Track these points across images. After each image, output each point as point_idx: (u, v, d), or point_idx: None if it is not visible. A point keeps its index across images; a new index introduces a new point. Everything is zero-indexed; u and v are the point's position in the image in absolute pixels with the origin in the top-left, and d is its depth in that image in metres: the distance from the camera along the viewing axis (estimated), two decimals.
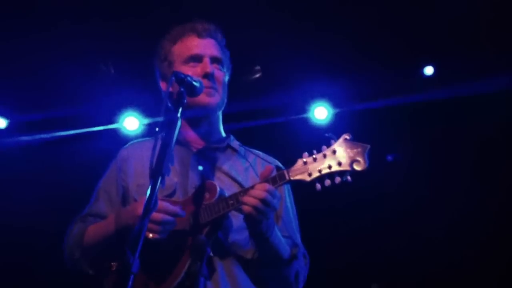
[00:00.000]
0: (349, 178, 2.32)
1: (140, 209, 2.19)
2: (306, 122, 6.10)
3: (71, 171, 5.98)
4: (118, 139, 6.11)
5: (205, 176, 2.67)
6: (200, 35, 2.82)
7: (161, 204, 2.39)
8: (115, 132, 6.14)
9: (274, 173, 2.46)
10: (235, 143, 2.91)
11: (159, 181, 2.15)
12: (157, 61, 2.91)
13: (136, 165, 2.78)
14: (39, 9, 4.99)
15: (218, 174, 2.73)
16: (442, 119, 5.89)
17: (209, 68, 2.73)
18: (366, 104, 5.78)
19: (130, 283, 1.96)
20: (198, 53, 2.78)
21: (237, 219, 2.55)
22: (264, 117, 5.92)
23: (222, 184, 2.62)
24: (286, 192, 2.81)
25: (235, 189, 2.62)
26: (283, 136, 5.84)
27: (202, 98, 2.65)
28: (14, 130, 6.07)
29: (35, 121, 5.92)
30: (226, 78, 2.89)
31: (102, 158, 5.82)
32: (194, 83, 2.45)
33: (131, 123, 6.09)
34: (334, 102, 6.06)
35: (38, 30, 5.12)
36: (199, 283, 2.19)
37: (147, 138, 3.02)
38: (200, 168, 2.71)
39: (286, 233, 2.69)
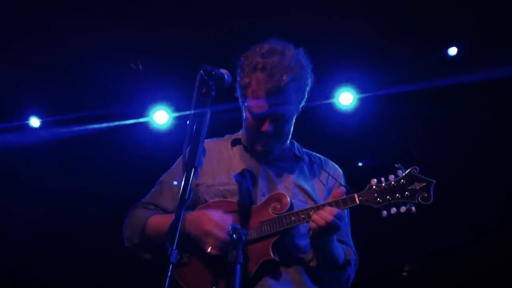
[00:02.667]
0: (413, 208, 2.52)
1: (208, 226, 2.54)
2: (331, 108, 6.04)
3: (103, 163, 6.15)
4: (148, 132, 6.25)
5: (274, 185, 2.82)
6: (268, 93, 2.72)
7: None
8: (145, 125, 6.26)
9: (344, 195, 2.62)
10: (300, 151, 3.04)
11: (192, 173, 2.27)
12: (237, 77, 2.87)
13: (204, 165, 2.84)
14: (68, 9, 5.08)
15: (285, 183, 2.87)
16: (470, 102, 5.71)
17: (266, 127, 2.77)
18: (392, 89, 5.69)
19: (169, 273, 2.10)
20: (260, 115, 2.76)
21: (302, 225, 2.69)
22: None
23: (290, 193, 2.78)
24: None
25: (302, 197, 2.82)
26: (307, 123, 5.77)
27: (258, 147, 2.85)
28: (47, 128, 6.26)
29: (67, 119, 6.09)
30: (290, 117, 2.85)
31: (133, 150, 6.05)
32: (223, 75, 2.53)
33: (160, 116, 6.18)
34: (360, 87, 5.97)
35: (68, 30, 5.23)
36: (236, 271, 2.27)
37: (215, 139, 3.08)
38: (270, 177, 2.86)
39: (341, 238, 2.85)
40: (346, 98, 6.00)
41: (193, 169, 2.28)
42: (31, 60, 5.58)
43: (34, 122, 6.27)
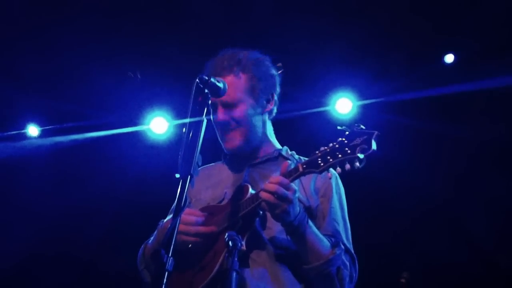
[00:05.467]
0: (357, 164, 2.38)
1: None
2: (327, 116, 5.75)
3: (99, 172, 6.12)
4: (146, 142, 6.20)
5: (257, 186, 2.78)
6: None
7: (183, 217, 2.56)
8: (143, 134, 6.20)
9: (291, 167, 2.58)
10: (287, 153, 3.02)
11: (188, 181, 2.27)
12: None
13: (197, 183, 2.83)
14: (65, 19, 5.11)
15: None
16: (471, 110, 5.62)
17: (219, 117, 2.84)
18: (398, 95, 5.43)
19: (164, 280, 2.07)
20: (212, 103, 2.74)
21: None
22: (283, 111, 5.76)
23: None
24: (334, 192, 2.87)
25: None
26: (300, 132, 5.45)
27: (224, 144, 2.90)
28: (46, 137, 6.24)
29: (66, 128, 6.09)
30: (249, 106, 2.89)
31: (131, 160, 6.03)
32: (218, 84, 2.57)
33: (159, 125, 6.03)
34: (361, 93, 5.63)
35: (66, 38, 5.27)
36: (231, 278, 2.26)
37: (212, 164, 3.14)
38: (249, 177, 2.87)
39: (329, 232, 2.76)
40: (344, 106, 5.69)
41: (189, 177, 2.28)
42: (27, 70, 5.60)
43: (33, 130, 6.24)
